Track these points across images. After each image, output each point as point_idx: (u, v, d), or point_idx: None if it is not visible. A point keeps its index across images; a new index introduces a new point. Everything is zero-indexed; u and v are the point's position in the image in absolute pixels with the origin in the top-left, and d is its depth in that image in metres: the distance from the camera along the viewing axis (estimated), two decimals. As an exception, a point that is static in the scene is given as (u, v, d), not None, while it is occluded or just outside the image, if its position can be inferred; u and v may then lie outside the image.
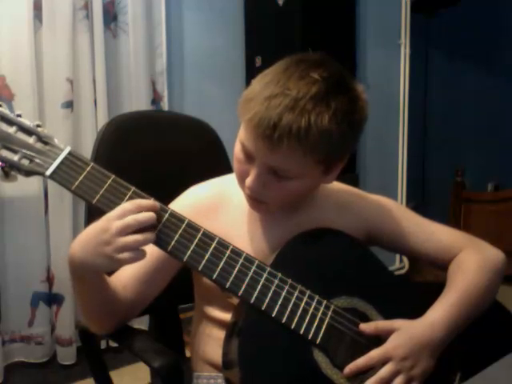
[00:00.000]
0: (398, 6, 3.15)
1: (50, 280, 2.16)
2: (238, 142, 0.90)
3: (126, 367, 2.12)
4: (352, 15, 2.87)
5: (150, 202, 0.82)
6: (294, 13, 2.50)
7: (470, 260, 0.97)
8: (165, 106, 2.42)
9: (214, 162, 1.29)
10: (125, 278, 0.94)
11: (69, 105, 2.12)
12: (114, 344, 2.18)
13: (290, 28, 2.50)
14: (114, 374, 1.16)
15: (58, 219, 2.12)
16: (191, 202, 0.99)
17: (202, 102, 2.57)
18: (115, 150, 1.17)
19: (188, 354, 1.17)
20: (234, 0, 2.68)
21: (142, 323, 2.05)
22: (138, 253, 0.80)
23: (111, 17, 2.26)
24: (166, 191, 0.98)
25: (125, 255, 0.79)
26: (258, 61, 2.60)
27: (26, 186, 2.04)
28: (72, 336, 2.17)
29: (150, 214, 0.80)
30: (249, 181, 0.87)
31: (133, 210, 0.80)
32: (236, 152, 0.91)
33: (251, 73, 2.61)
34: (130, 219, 0.78)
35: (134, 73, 2.29)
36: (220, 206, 0.99)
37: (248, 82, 0.91)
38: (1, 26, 2.00)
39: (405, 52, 3.17)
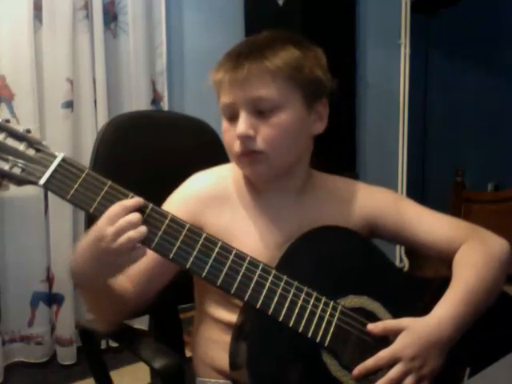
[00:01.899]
0: (398, 6, 3.15)
1: (49, 280, 2.16)
2: (222, 119, 0.95)
3: (125, 367, 2.11)
4: (352, 15, 2.87)
5: (133, 200, 0.80)
6: (293, 13, 2.50)
7: (474, 252, 0.96)
8: (165, 105, 2.42)
9: (213, 162, 1.28)
10: (123, 279, 0.94)
11: (69, 105, 2.12)
12: (114, 344, 2.18)
13: (290, 28, 2.49)
14: (114, 374, 1.16)
15: (58, 219, 2.12)
16: (192, 193, 0.98)
17: (202, 102, 2.56)
18: (115, 150, 1.16)
19: (188, 354, 1.16)
20: (234, 0, 2.68)
21: (141, 323, 2.05)
22: (136, 252, 0.80)
23: (111, 17, 2.26)
24: (166, 191, 0.98)
25: (124, 257, 0.79)
26: (258, 61, 2.60)
27: (25, 186, 2.04)
28: (72, 336, 2.17)
29: (137, 214, 0.79)
30: (239, 127, 0.89)
31: (120, 212, 0.79)
32: (223, 126, 0.95)
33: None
34: (122, 222, 0.78)
35: (134, 73, 2.30)
36: (221, 195, 0.99)
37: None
38: (1, 26, 2.00)
39: (405, 52, 3.17)
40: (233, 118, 0.92)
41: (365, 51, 3.04)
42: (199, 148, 1.29)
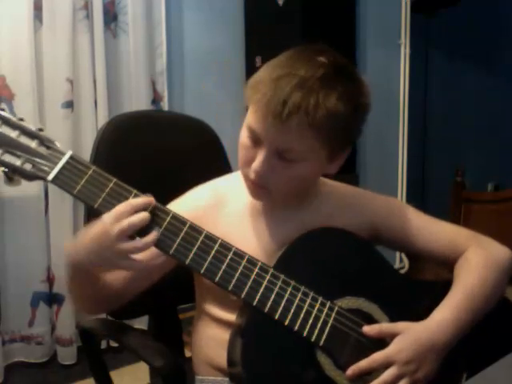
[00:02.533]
0: (398, 6, 3.15)
1: (50, 280, 2.16)
2: (244, 128, 0.90)
3: (125, 367, 2.12)
4: (352, 15, 2.87)
5: (143, 199, 0.82)
6: (293, 13, 2.50)
7: (476, 259, 0.96)
8: (165, 105, 2.42)
9: (213, 162, 1.29)
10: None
11: (69, 105, 2.12)
12: (114, 344, 2.18)
13: (290, 28, 2.50)
14: (114, 374, 1.16)
15: (58, 219, 2.12)
16: (190, 205, 0.98)
17: (202, 102, 2.57)
18: (115, 150, 1.16)
19: (187, 354, 1.17)
20: (234, 0, 2.68)
21: (141, 323, 2.05)
22: (136, 263, 0.82)
23: (111, 17, 2.27)
24: (166, 191, 0.98)
25: (124, 262, 0.82)
26: (258, 61, 2.60)
27: (26, 186, 2.01)
28: (72, 336, 2.17)
29: (144, 215, 0.81)
30: (256, 164, 0.87)
31: (126, 211, 0.80)
32: (242, 138, 0.91)
33: (251, 73, 2.60)
34: (125, 224, 0.79)
35: (134, 73, 2.30)
36: (220, 206, 0.99)
37: (248, 82, 0.91)
38: (1, 26, 2.00)
39: (405, 52, 3.17)
40: (255, 141, 0.88)
41: (365, 51, 3.04)
42: (199, 148, 1.29)
